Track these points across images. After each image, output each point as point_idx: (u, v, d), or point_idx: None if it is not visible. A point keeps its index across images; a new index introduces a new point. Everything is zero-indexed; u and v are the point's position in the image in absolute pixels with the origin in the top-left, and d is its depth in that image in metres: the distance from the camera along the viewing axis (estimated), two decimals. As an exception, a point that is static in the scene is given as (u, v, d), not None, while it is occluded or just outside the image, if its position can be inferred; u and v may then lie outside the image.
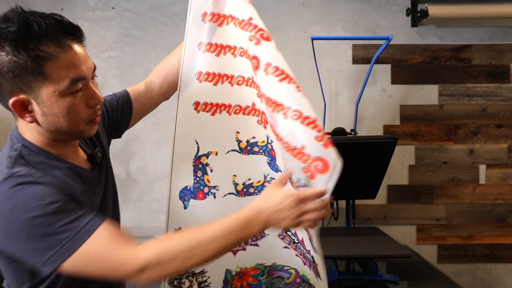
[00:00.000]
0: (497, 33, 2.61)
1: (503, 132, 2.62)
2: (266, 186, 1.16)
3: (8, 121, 2.65)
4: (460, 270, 2.64)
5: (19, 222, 0.78)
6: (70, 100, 0.85)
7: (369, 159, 1.97)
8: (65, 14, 2.74)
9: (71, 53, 0.83)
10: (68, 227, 0.79)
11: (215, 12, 1.16)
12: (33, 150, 0.88)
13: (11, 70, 0.80)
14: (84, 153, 1.01)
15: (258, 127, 1.16)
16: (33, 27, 0.79)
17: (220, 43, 1.16)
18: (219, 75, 1.16)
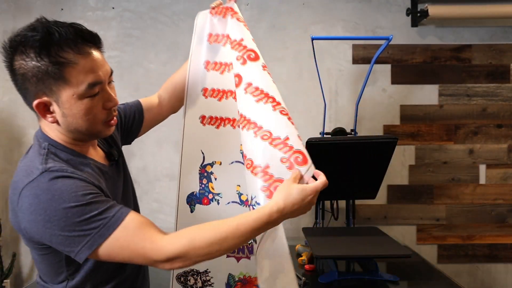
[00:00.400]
0: (497, 33, 2.61)
1: (503, 132, 2.62)
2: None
3: (8, 121, 2.66)
4: (460, 270, 2.64)
5: (56, 212, 0.85)
6: (88, 103, 0.92)
7: (369, 159, 1.97)
8: (65, 14, 2.74)
9: (89, 59, 0.91)
10: (101, 217, 0.87)
11: (219, 33, 1.26)
12: (59, 148, 0.96)
13: (35, 75, 0.88)
14: (102, 151, 1.10)
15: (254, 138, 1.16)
16: (55, 36, 0.87)
17: (224, 62, 1.25)
18: (223, 91, 1.25)
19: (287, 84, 2.60)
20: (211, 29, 1.28)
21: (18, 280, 2.61)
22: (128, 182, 1.16)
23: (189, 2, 2.58)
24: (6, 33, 2.55)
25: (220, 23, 1.26)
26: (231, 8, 1.23)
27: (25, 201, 0.87)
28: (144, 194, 2.60)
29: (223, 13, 1.25)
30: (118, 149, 1.16)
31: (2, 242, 2.54)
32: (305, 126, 2.60)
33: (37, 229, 0.87)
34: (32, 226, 0.87)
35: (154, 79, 2.58)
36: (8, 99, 2.56)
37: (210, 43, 1.28)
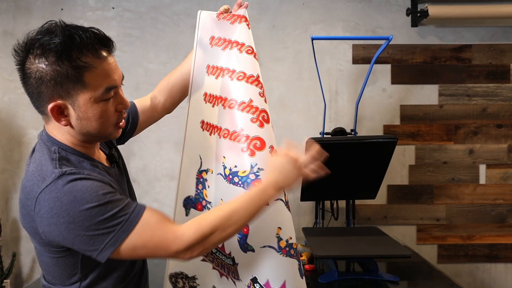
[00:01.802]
0: (497, 33, 2.61)
1: (503, 132, 2.62)
2: None
3: (8, 121, 2.66)
4: (460, 270, 2.64)
5: (80, 212, 0.86)
6: (103, 106, 0.94)
7: (369, 159, 1.97)
8: (65, 14, 2.74)
9: (105, 63, 0.93)
10: (122, 213, 0.89)
11: (221, 37, 1.23)
12: (69, 151, 0.97)
13: (53, 78, 0.88)
14: (103, 153, 1.11)
15: (242, 154, 1.12)
16: (76, 40, 0.88)
17: (220, 66, 1.21)
18: (215, 97, 1.22)
19: (287, 84, 2.60)
20: (214, 32, 1.25)
21: (18, 280, 2.61)
22: (129, 183, 1.18)
23: (189, 2, 2.58)
24: (6, 33, 2.55)
25: (226, 27, 1.23)
26: (245, 18, 1.22)
27: (45, 205, 0.87)
28: (144, 194, 2.61)
29: (232, 19, 1.22)
30: (117, 151, 1.17)
31: (2, 242, 2.54)
32: (305, 126, 2.60)
33: (59, 231, 0.87)
34: (54, 229, 0.87)
35: (154, 79, 2.58)
36: (8, 99, 2.56)
37: (212, 46, 1.25)
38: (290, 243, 1.13)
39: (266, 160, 1.10)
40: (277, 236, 1.11)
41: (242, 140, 1.12)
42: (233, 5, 1.28)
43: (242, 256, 1.13)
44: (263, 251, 1.10)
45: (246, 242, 1.11)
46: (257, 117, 1.13)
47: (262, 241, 1.11)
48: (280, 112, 2.59)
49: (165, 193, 2.61)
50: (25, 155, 2.58)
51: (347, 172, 2.03)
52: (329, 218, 2.40)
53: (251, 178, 1.11)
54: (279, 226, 1.12)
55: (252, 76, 1.16)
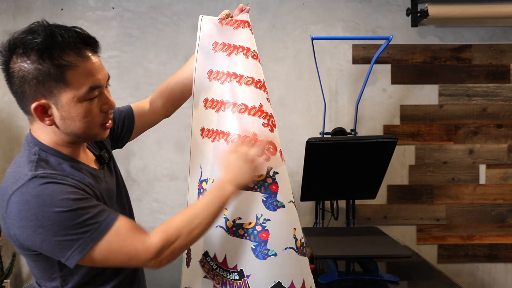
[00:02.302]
0: (497, 33, 2.61)
1: (503, 132, 2.62)
2: (257, 229, 1.11)
3: (8, 121, 2.66)
4: (460, 270, 2.64)
5: (49, 216, 0.85)
6: (87, 105, 0.93)
7: (369, 159, 1.97)
8: (65, 14, 2.74)
9: (89, 63, 0.92)
10: (92, 221, 0.88)
11: (225, 42, 1.22)
12: (50, 152, 0.95)
13: (35, 77, 0.88)
14: (92, 154, 1.10)
15: None
16: (57, 39, 0.88)
17: (227, 71, 1.19)
18: (221, 102, 1.19)
19: (287, 84, 2.60)
20: (218, 38, 1.23)
21: (18, 280, 2.61)
22: (121, 184, 1.15)
23: (189, 2, 2.58)
24: (6, 33, 2.55)
25: (229, 33, 1.21)
26: (248, 23, 1.21)
27: (14, 207, 0.85)
28: (144, 194, 2.61)
29: (235, 24, 1.21)
30: (108, 152, 1.15)
31: (2, 242, 2.54)
32: (305, 126, 2.60)
33: (27, 235, 0.86)
34: (22, 232, 0.86)
35: (154, 79, 2.58)
36: (8, 99, 2.56)
37: (215, 51, 1.23)
38: (302, 242, 1.15)
39: (279, 163, 1.10)
40: (294, 236, 1.12)
41: (257, 144, 1.10)
42: (234, 7, 1.27)
43: (258, 264, 1.10)
44: (285, 253, 1.10)
45: (266, 248, 1.09)
46: (268, 122, 1.14)
47: (284, 244, 1.10)
48: (280, 112, 2.59)
49: (165, 193, 2.61)
50: (25, 155, 2.58)
51: (347, 172, 2.04)
52: (329, 218, 2.40)
53: (268, 182, 1.11)
54: (294, 227, 1.13)
55: (260, 81, 1.16)
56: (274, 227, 1.10)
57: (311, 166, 1.97)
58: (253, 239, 1.10)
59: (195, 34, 1.34)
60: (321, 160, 1.96)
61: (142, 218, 2.59)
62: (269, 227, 1.10)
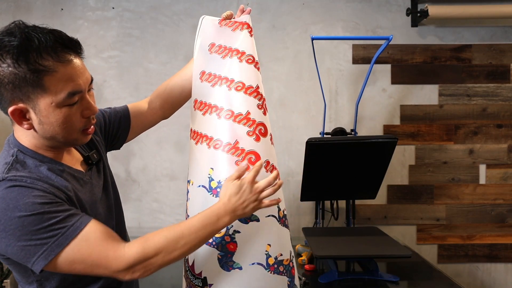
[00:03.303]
0: (497, 33, 2.61)
1: (503, 132, 2.62)
2: (225, 240, 1.08)
3: (8, 121, 2.65)
4: (460, 270, 2.64)
5: (12, 221, 0.82)
6: (66, 111, 0.89)
7: (369, 159, 1.97)
8: (65, 14, 2.73)
9: (69, 67, 0.87)
10: (59, 225, 0.85)
11: (221, 44, 1.19)
12: (28, 154, 0.93)
13: (11, 81, 0.84)
14: (80, 155, 1.07)
15: (235, 167, 1.08)
16: (34, 42, 0.83)
17: (218, 75, 1.16)
18: (209, 105, 1.16)
19: (287, 84, 2.60)
20: (215, 39, 1.21)
21: (18, 280, 2.61)
22: (109, 186, 1.10)
23: (189, 2, 2.58)
24: (6, 33, 2.55)
25: (227, 35, 1.19)
26: (248, 24, 1.19)
27: None
28: (144, 194, 2.61)
29: (234, 26, 1.19)
30: (99, 152, 1.11)
31: (2, 242, 2.54)
32: (305, 126, 2.60)
33: None
34: None
35: (154, 79, 2.58)
36: (8, 99, 2.56)
37: (211, 53, 1.19)
38: (280, 260, 1.10)
39: (261, 175, 1.06)
40: (266, 253, 1.09)
41: (237, 153, 1.09)
42: (234, 7, 1.26)
43: (221, 275, 1.08)
44: (252, 268, 1.07)
45: (232, 260, 1.08)
46: (254, 131, 1.11)
47: (251, 259, 1.08)
48: (280, 112, 2.59)
49: (165, 193, 2.61)
50: (25, 155, 2.57)
51: (347, 172, 2.04)
52: (329, 218, 2.40)
53: None
54: (269, 243, 1.09)
55: (251, 87, 1.13)
56: (243, 240, 1.07)
57: (311, 166, 1.97)
58: (220, 249, 1.08)
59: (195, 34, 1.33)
60: (321, 160, 1.96)
61: (142, 218, 2.59)
62: (238, 239, 1.08)
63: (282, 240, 1.13)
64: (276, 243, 1.11)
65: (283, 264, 1.11)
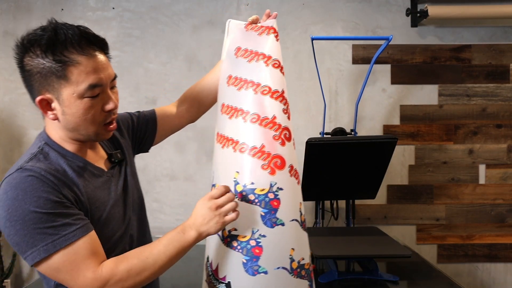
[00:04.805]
0: (497, 33, 2.61)
1: (502, 132, 2.62)
2: (250, 244, 1.07)
3: (8, 121, 2.66)
4: (460, 270, 2.64)
5: (16, 212, 0.87)
6: (87, 103, 0.94)
7: (369, 159, 1.98)
8: (65, 14, 2.74)
9: (91, 61, 0.93)
10: (50, 231, 0.88)
11: (248, 48, 1.19)
12: (53, 147, 0.98)
13: (39, 72, 0.92)
14: (105, 153, 1.11)
15: (261, 171, 1.08)
16: (61, 36, 0.91)
17: (245, 78, 1.15)
18: (235, 109, 1.15)
19: (287, 84, 2.58)
20: (241, 43, 1.21)
21: (19, 280, 2.62)
22: (129, 187, 1.12)
23: (189, 2, 2.58)
24: (6, 33, 2.55)
25: (253, 39, 1.19)
26: (274, 29, 1.19)
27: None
28: (144, 194, 2.56)
29: (260, 30, 1.19)
30: (123, 154, 1.15)
31: (2, 242, 2.54)
32: (305, 126, 2.60)
33: (0, 224, 0.89)
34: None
35: (154, 79, 2.58)
36: (9, 99, 2.56)
37: (237, 57, 1.19)
38: (302, 264, 1.11)
39: (286, 179, 1.07)
40: (290, 257, 1.09)
41: (263, 157, 1.08)
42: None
43: (246, 280, 1.07)
44: (277, 273, 1.07)
45: (257, 264, 1.07)
46: (280, 135, 1.11)
47: (276, 263, 1.07)
48: (280, 112, 2.59)
49: (165, 193, 2.61)
50: (25, 155, 2.58)
51: (347, 172, 2.04)
52: (329, 218, 2.40)
53: (269, 197, 1.07)
54: (293, 247, 1.10)
55: (277, 92, 1.13)
56: (269, 244, 1.07)
57: (311, 166, 1.97)
58: (245, 253, 1.08)
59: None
60: (321, 160, 1.96)
61: (142, 218, 2.59)
62: (263, 244, 1.07)
63: (304, 244, 1.14)
64: (299, 247, 1.11)
65: (304, 268, 1.12)
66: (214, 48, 2.58)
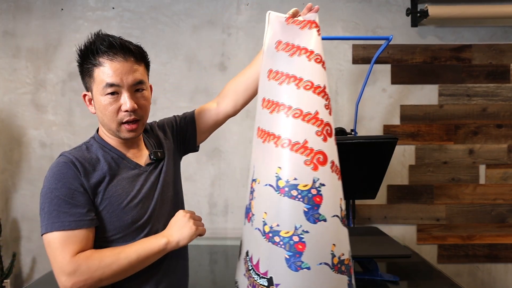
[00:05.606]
0: (497, 33, 2.61)
1: (503, 132, 2.62)
2: (293, 239, 1.07)
3: (8, 121, 2.65)
4: (460, 270, 2.64)
5: (42, 190, 1.06)
6: (106, 99, 1.09)
7: (369, 159, 1.97)
8: (65, 14, 2.73)
9: (114, 64, 1.08)
10: (55, 214, 1.03)
11: (289, 42, 1.17)
12: (98, 140, 1.17)
13: (83, 72, 1.13)
14: (147, 151, 1.25)
15: (304, 167, 1.07)
16: (94, 44, 1.10)
17: (286, 73, 1.14)
18: (276, 104, 1.14)
19: (287, 84, 2.60)
20: (281, 36, 1.20)
21: (18, 280, 2.61)
22: (167, 183, 1.24)
23: (189, 2, 2.58)
24: (6, 33, 2.54)
25: (294, 33, 1.17)
26: (316, 23, 1.16)
27: None
28: (144, 194, 2.60)
29: (302, 24, 1.17)
30: (164, 154, 1.27)
31: (2, 242, 2.54)
32: (305, 126, 2.59)
33: None
34: None
35: (154, 79, 2.56)
36: (8, 99, 2.56)
37: (277, 50, 1.18)
38: (342, 259, 1.11)
39: (328, 175, 1.08)
40: (332, 252, 1.09)
41: (306, 152, 1.08)
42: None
43: (289, 275, 1.07)
44: (319, 268, 1.07)
45: (300, 260, 1.07)
46: (322, 130, 1.10)
47: (318, 259, 1.07)
48: (280, 112, 2.58)
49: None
50: (25, 155, 2.58)
51: (347, 172, 2.03)
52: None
53: (312, 193, 1.07)
54: (334, 243, 1.09)
55: (319, 87, 1.13)
56: (312, 240, 1.07)
57: (311, 166, 1.97)
58: (288, 249, 1.07)
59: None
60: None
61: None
62: (306, 239, 1.07)
63: (344, 240, 1.13)
64: (339, 243, 1.11)
65: (344, 263, 1.12)
66: (214, 48, 2.58)
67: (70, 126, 2.59)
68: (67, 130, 2.59)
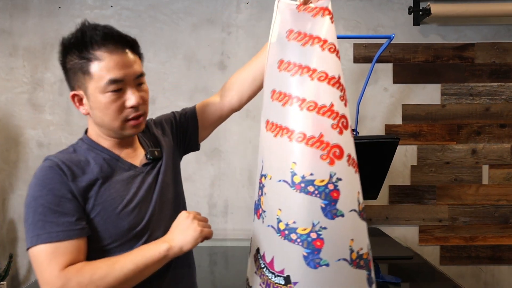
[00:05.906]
0: (500, 32, 2.58)
1: (506, 132, 2.59)
2: (311, 236, 1.04)
3: (5, 121, 2.63)
4: (463, 271, 2.61)
5: (27, 199, 0.97)
6: (109, 97, 0.99)
7: (370, 159, 1.95)
8: (63, 13, 2.71)
9: (114, 57, 0.99)
10: (40, 225, 0.94)
11: (301, 31, 1.11)
12: (86, 142, 1.08)
13: (70, 69, 1.01)
14: (143, 150, 1.16)
15: (321, 162, 1.04)
16: (86, 36, 0.99)
17: (299, 63, 1.09)
18: (289, 96, 1.09)
19: (288, 83, 2.58)
20: (293, 25, 1.13)
21: (15, 282, 2.59)
22: (159, 185, 1.12)
23: (188, 0, 2.56)
24: (2, 31, 2.52)
25: (306, 21, 1.11)
26: (329, 10, 1.10)
27: None
28: (143, 194, 2.58)
29: (314, 11, 1.10)
30: (161, 153, 1.17)
31: (-1, 243, 2.52)
32: (305, 125, 2.57)
33: None
34: None
35: (152, 78, 2.55)
36: (5, 99, 2.54)
37: (289, 40, 1.12)
38: (361, 254, 1.08)
39: (344, 169, 1.04)
40: (350, 248, 1.06)
41: (321, 146, 1.04)
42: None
43: (308, 273, 1.05)
44: (338, 264, 1.05)
45: (319, 257, 1.04)
46: (338, 123, 1.06)
47: (337, 255, 1.05)
48: (280, 112, 2.56)
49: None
50: (22, 155, 2.55)
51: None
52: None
53: (329, 188, 1.04)
54: (352, 238, 1.07)
55: (334, 78, 1.07)
56: (330, 236, 1.04)
57: (312, 166, 1.95)
58: (306, 246, 1.04)
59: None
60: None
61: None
62: (324, 236, 1.04)
63: (362, 234, 1.10)
64: (358, 238, 1.08)
65: (363, 258, 1.09)
66: (213, 47, 2.55)
67: (68, 126, 2.57)
68: (65, 130, 2.57)
